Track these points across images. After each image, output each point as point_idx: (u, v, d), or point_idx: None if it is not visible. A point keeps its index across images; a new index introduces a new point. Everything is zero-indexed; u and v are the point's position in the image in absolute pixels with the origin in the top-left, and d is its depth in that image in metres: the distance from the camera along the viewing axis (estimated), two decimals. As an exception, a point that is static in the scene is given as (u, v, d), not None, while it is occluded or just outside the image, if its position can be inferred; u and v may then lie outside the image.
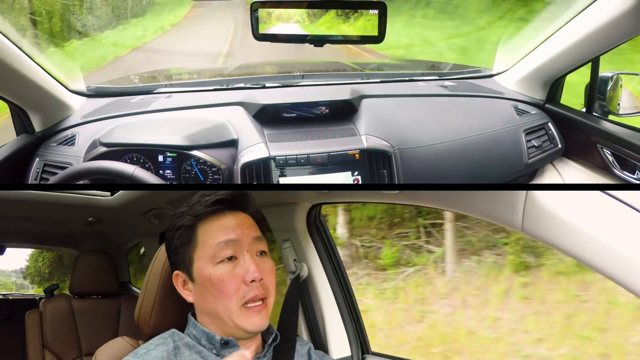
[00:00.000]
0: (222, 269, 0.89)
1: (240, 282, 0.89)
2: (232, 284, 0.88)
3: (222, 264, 0.90)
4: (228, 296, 0.88)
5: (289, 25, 1.44)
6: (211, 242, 0.91)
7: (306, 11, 1.37)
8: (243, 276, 0.89)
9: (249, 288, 0.89)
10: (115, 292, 2.54)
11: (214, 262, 0.90)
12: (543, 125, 1.80)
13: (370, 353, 1.57)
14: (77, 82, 1.79)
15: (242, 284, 0.89)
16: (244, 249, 0.91)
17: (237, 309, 0.88)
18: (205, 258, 0.90)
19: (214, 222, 0.93)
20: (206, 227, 0.92)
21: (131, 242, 2.99)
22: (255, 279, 0.89)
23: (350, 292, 1.58)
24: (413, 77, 2.00)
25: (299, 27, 1.62)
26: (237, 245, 0.91)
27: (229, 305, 0.88)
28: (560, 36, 1.60)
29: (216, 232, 0.92)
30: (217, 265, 0.89)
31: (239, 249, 0.91)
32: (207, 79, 2.21)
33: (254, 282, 0.89)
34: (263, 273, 0.91)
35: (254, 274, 0.89)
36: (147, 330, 1.02)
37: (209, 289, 0.89)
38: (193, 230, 0.93)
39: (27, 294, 4.25)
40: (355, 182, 1.53)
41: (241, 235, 0.92)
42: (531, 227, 0.82)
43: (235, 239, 0.91)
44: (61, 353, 2.28)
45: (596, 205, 0.74)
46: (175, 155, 1.53)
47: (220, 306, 0.89)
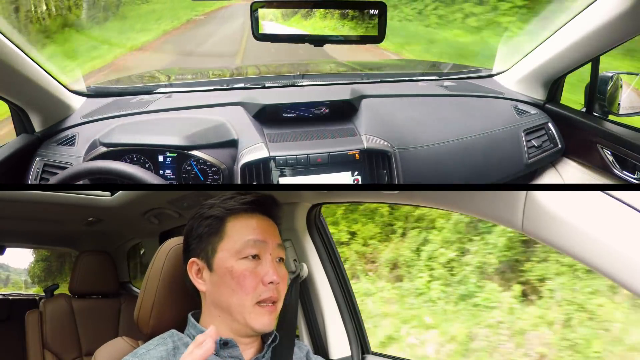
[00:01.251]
0: (245, 264, 0.92)
1: (259, 281, 0.92)
2: (252, 281, 0.91)
3: (245, 260, 0.92)
4: (245, 291, 0.91)
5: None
6: (239, 238, 0.93)
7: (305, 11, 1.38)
8: (263, 276, 0.92)
9: (266, 289, 0.92)
10: (115, 292, 2.54)
11: (238, 256, 0.92)
12: (543, 125, 1.80)
13: (370, 353, 1.57)
14: (77, 82, 1.79)
15: (260, 283, 0.92)
16: (267, 252, 0.94)
17: (251, 306, 0.91)
18: (231, 251, 0.93)
19: (245, 220, 0.96)
20: (236, 222, 0.95)
21: (131, 242, 2.99)
22: (274, 282, 0.92)
23: (350, 292, 1.58)
24: (413, 77, 2.00)
25: (299, 27, 1.63)
26: (263, 247, 0.94)
27: (244, 301, 0.91)
28: (560, 36, 1.60)
29: (246, 229, 0.95)
30: (241, 261, 0.92)
31: (263, 251, 0.94)
32: (207, 79, 2.21)
33: (271, 284, 0.92)
34: (279, 278, 0.94)
35: (272, 276, 0.92)
36: (146, 330, 1.02)
37: (228, 281, 0.91)
38: (222, 222, 0.95)
39: (27, 294, 4.24)
40: (355, 182, 1.53)
41: (268, 238, 0.95)
42: (531, 227, 0.82)
43: (263, 240, 0.94)
44: (61, 353, 2.28)
45: (596, 205, 0.74)
46: (175, 155, 1.53)
47: (235, 299, 0.91)
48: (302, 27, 1.37)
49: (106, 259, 2.51)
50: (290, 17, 1.38)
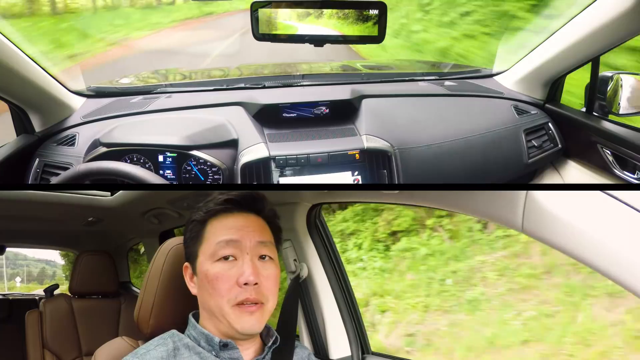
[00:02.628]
0: (218, 267, 0.90)
1: (233, 283, 0.89)
2: (226, 283, 0.89)
3: (219, 262, 0.90)
4: (220, 295, 0.89)
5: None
6: (214, 240, 0.92)
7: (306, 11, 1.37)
8: (237, 278, 0.89)
9: (242, 290, 0.88)
10: (115, 292, 2.54)
11: (213, 259, 0.91)
12: (543, 125, 1.80)
13: (370, 353, 1.57)
14: (77, 82, 1.79)
15: (235, 285, 0.89)
16: (244, 251, 0.91)
17: (229, 308, 0.89)
18: (207, 254, 0.92)
19: (222, 221, 0.94)
20: (214, 224, 0.94)
21: (131, 242, 2.99)
22: (249, 282, 0.88)
23: (350, 292, 1.58)
24: (413, 77, 2.00)
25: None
26: (238, 246, 0.91)
27: (220, 304, 0.89)
28: (560, 36, 1.60)
29: (220, 230, 0.92)
30: (215, 263, 0.90)
31: (239, 250, 0.91)
32: (207, 79, 2.21)
33: (247, 285, 0.89)
34: (261, 277, 0.90)
35: (248, 277, 0.88)
36: (146, 330, 1.02)
37: (206, 285, 0.91)
38: (203, 225, 0.94)
39: (27, 294, 4.24)
40: (355, 182, 1.53)
41: (244, 236, 0.92)
42: (531, 227, 0.82)
43: (237, 239, 0.91)
44: (61, 353, 2.28)
45: (596, 205, 0.74)
46: (175, 155, 1.53)
47: (213, 303, 0.90)
48: (317, 24, 1.37)
49: (106, 259, 2.51)
50: (305, 17, 1.38)
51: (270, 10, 1.36)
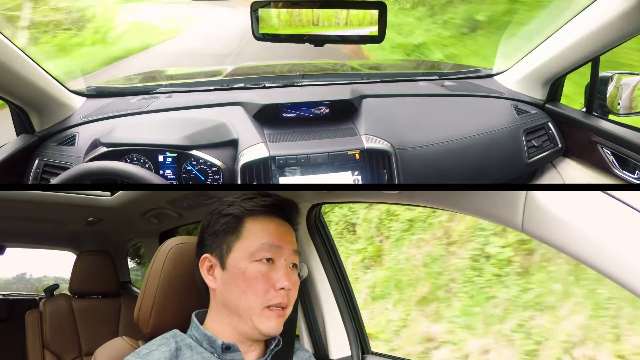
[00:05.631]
0: (258, 267, 0.91)
1: (270, 286, 0.91)
2: (263, 285, 0.90)
3: (259, 263, 0.91)
4: (255, 294, 0.90)
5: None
6: (255, 240, 0.92)
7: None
8: (275, 282, 0.91)
9: (277, 294, 0.91)
10: (115, 292, 2.54)
11: (252, 258, 0.91)
12: (543, 125, 1.80)
13: (370, 353, 1.57)
14: (77, 82, 1.79)
15: (271, 288, 0.91)
16: (282, 257, 0.93)
17: (260, 309, 0.90)
18: (246, 252, 0.92)
19: (264, 222, 0.94)
20: (255, 224, 0.94)
21: (131, 242, 2.99)
22: (285, 288, 0.91)
23: (350, 292, 1.58)
24: (413, 77, 2.00)
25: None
26: (278, 252, 0.93)
27: (253, 303, 0.90)
28: (560, 36, 1.60)
29: (262, 232, 0.93)
30: (254, 263, 0.91)
31: (278, 255, 0.93)
32: (207, 79, 2.21)
33: (282, 290, 0.91)
34: (291, 284, 0.93)
35: (284, 282, 0.91)
36: (146, 330, 1.02)
37: (239, 282, 0.91)
38: (240, 222, 0.94)
39: (27, 294, 4.24)
40: (355, 182, 1.53)
41: (284, 243, 0.94)
42: (531, 227, 0.82)
43: (279, 245, 0.93)
44: (61, 353, 2.28)
45: (596, 205, 0.74)
46: (175, 155, 1.53)
47: (244, 301, 0.90)
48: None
49: (106, 259, 2.51)
50: (305, 17, 1.38)
51: (271, 10, 1.36)
